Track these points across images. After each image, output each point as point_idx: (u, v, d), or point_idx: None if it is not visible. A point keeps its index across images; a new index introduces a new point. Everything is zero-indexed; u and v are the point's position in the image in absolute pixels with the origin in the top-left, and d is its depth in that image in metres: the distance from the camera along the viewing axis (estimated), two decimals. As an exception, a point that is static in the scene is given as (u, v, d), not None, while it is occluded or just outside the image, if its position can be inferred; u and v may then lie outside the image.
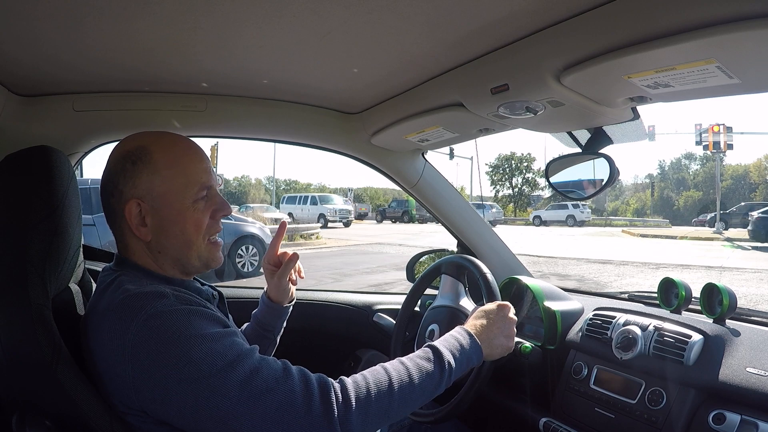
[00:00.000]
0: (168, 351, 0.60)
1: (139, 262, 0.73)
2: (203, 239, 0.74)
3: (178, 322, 0.62)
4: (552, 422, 1.00)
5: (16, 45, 0.81)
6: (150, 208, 0.70)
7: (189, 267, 0.74)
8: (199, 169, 0.73)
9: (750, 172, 38.82)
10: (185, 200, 0.71)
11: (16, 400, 0.66)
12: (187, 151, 0.74)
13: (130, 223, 0.70)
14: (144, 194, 0.70)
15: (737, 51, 0.58)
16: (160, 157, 0.71)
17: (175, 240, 0.72)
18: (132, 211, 0.70)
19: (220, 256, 0.77)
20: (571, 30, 0.68)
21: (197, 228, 0.72)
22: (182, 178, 0.72)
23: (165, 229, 0.71)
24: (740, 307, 0.95)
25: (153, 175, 0.70)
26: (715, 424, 0.77)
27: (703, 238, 15.98)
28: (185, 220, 0.71)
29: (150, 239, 0.71)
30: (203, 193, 0.73)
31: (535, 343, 1.10)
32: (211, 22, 0.74)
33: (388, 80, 1.00)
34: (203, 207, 0.73)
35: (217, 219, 0.76)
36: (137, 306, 0.62)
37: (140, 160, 0.71)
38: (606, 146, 0.95)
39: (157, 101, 1.11)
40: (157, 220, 0.71)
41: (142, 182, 0.70)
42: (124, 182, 0.70)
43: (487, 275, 1.01)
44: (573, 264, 9.04)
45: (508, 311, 0.88)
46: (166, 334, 0.61)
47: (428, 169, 1.36)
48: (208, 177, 0.74)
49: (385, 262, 9.09)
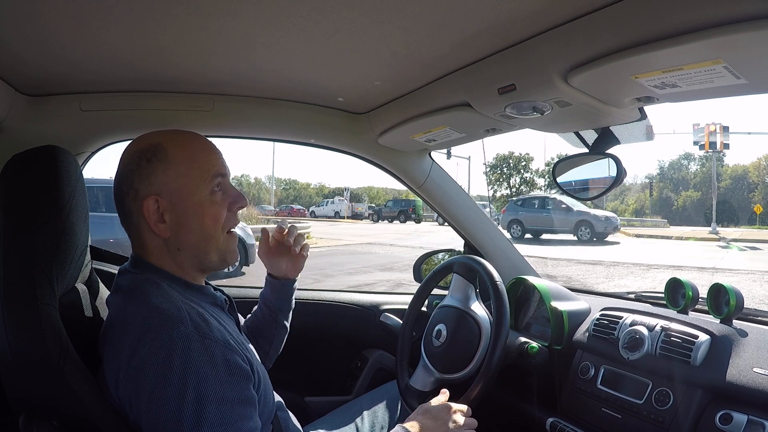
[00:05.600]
0: (170, 385, 0.60)
1: (157, 264, 0.72)
2: (222, 231, 0.74)
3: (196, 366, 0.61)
4: (559, 422, 1.00)
5: (24, 45, 0.81)
6: (168, 204, 0.70)
7: (207, 263, 0.74)
8: (211, 159, 0.74)
9: (749, 172, 38.91)
10: (202, 192, 0.71)
11: (23, 399, 0.66)
12: (200, 145, 0.74)
13: (148, 220, 0.70)
14: (161, 190, 0.70)
15: (744, 51, 0.59)
16: (174, 153, 0.71)
17: (194, 234, 0.72)
18: (150, 207, 0.70)
19: (236, 250, 0.77)
20: (578, 30, 0.69)
21: (215, 221, 0.73)
22: (197, 170, 0.72)
23: (183, 224, 0.71)
24: (747, 308, 0.95)
25: (168, 171, 0.70)
26: (722, 425, 0.78)
27: (698, 238, 16.01)
28: (203, 213, 0.71)
29: (169, 236, 0.71)
30: (217, 181, 0.73)
31: (542, 343, 1.10)
32: (220, 22, 0.74)
33: (395, 80, 1.00)
34: (220, 199, 0.73)
35: (234, 211, 0.76)
36: (159, 327, 0.63)
37: (155, 157, 0.71)
38: (613, 146, 0.95)
39: (164, 101, 1.11)
40: (176, 215, 0.71)
41: (158, 179, 0.70)
42: (140, 180, 0.70)
43: (498, 284, 1.01)
44: (563, 264, 9.03)
45: (456, 415, 0.85)
46: (174, 367, 0.60)
47: (435, 169, 1.36)
48: (221, 166, 0.74)
49: (372, 262, 9.07)
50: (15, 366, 0.64)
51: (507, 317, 0.98)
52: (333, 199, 33.54)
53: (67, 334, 0.66)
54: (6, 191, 0.70)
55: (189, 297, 0.71)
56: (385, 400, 1.16)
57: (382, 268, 8.26)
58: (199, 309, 0.68)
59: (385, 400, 1.16)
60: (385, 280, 7.10)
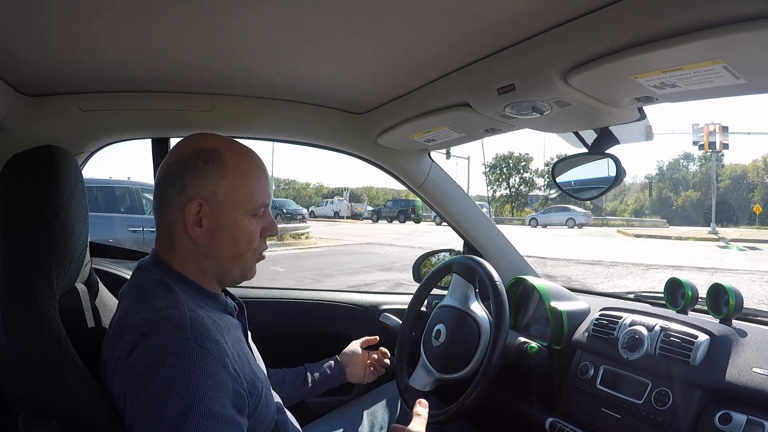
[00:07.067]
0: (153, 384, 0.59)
1: (177, 266, 0.72)
2: (253, 253, 0.75)
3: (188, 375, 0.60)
4: (558, 422, 1.00)
5: (23, 44, 0.81)
6: (209, 211, 0.70)
7: (228, 276, 0.75)
8: (263, 185, 0.74)
9: (748, 172, 38.95)
10: (244, 212, 0.72)
11: (22, 399, 0.66)
12: (256, 164, 0.75)
13: (186, 220, 0.70)
14: (208, 196, 0.70)
15: (744, 51, 0.59)
16: (232, 164, 0.71)
17: (225, 248, 0.72)
18: (192, 209, 0.69)
19: (255, 269, 0.77)
20: (578, 30, 0.69)
21: (249, 242, 0.73)
22: (248, 189, 0.72)
23: (218, 236, 0.71)
24: (747, 308, 0.96)
25: (221, 180, 0.70)
26: (721, 425, 0.78)
27: (698, 238, 16.02)
28: (239, 231, 0.72)
29: (201, 241, 0.71)
30: (261, 211, 0.74)
31: (542, 343, 1.10)
32: (219, 22, 0.74)
33: (394, 80, 1.00)
34: (256, 223, 0.74)
35: (265, 237, 0.77)
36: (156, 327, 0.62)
37: (212, 161, 0.70)
38: (612, 146, 0.95)
39: (164, 101, 1.11)
40: (214, 224, 0.70)
41: (209, 183, 0.70)
42: (192, 178, 0.70)
43: (497, 284, 1.01)
44: (562, 265, 9.05)
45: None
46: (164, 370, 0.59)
47: (435, 169, 1.36)
48: (267, 196, 0.75)
49: (371, 262, 9.09)
50: (14, 366, 0.65)
51: (506, 317, 0.98)
52: (332, 199, 33.52)
53: (67, 334, 0.67)
54: (5, 191, 0.70)
55: (200, 303, 0.70)
56: (385, 400, 1.16)
57: (381, 268, 8.27)
58: (206, 317, 0.67)
59: (385, 400, 1.16)
60: (385, 280, 7.11)
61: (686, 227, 25.02)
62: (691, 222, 32.30)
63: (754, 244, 14.16)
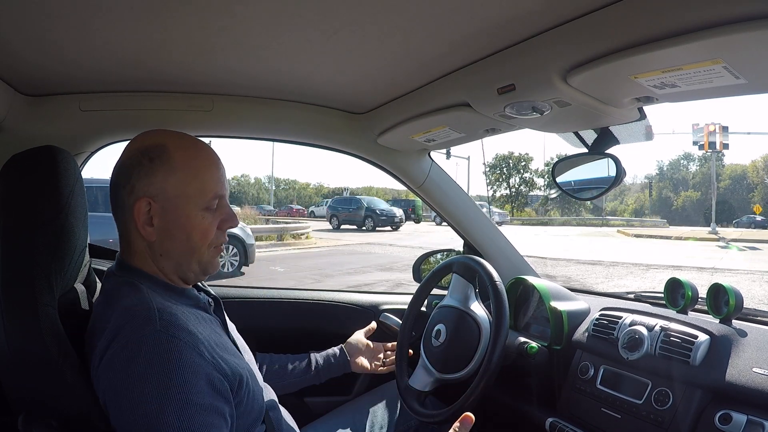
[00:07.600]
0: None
1: (139, 265, 0.72)
2: (209, 247, 0.74)
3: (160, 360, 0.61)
4: (558, 422, 1.00)
5: (24, 45, 0.81)
6: (160, 209, 0.70)
7: (188, 273, 0.74)
8: (214, 177, 0.73)
9: (748, 172, 38.97)
10: (196, 207, 0.71)
11: (22, 399, 0.66)
12: (205, 156, 0.74)
13: (137, 221, 0.70)
14: (157, 193, 0.70)
15: (744, 51, 0.59)
16: (178, 159, 0.71)
17: (179, 244, 0.71)
18: (141, 209, 0.69)
19: (217, 262, 0.76)
20: (578, 30, 0.68)
21: (203, 237, 0.72)
22: (197, 183, 0.71)
23: (171, 233, 0.71)
24: (747, 308, 0.96)
25: (168, 176, 0.70)
26: (721, 425, 0.78)
27: (698, 238, 16.03)
28: (192, 227, 0.71)
29: (154, 240, 0.70)
30: (215, 203, 0.73)
31: (542, 343, 1.10)
32: (219, 22, 0.74)
33: (394, 80, 1.00)
34: (212, 216, 0.73)
35: (224, 230, 0.75)
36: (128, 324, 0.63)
37: (158, 158, 0.70)
38: (612, 146, 0.95)
39: (164, 101, 1.11)
40: (165, 221, 0.70)
41: (157, 181, 0.70)
42: (138, 177, 0.70)
43: (497, 284, 1.01)
44: (562, 265, 9.06)
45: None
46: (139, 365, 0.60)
47: (435, 169, 1.36)
48: (221, 186, 0.74)
49: (371, 262, 9.09)
50: (14, 366, 0.65)
51: (506, 317, 0.98)
52: (333, 199, 33.51)
53: (66, 335, 0.67)
54: (5, 191, 0.70)
55: (169, 299, 0.70)
56: (385, 400, 1.16)
57: (381, 268, 8.27)
58: (176, 309, 0.67)
59: (385, 400, 1.16)
60: (385, 280, 7.11)
61: (686, 227, 25.05)
62: (691, 222, 32.33)
63: (754, 244, 14.17)
